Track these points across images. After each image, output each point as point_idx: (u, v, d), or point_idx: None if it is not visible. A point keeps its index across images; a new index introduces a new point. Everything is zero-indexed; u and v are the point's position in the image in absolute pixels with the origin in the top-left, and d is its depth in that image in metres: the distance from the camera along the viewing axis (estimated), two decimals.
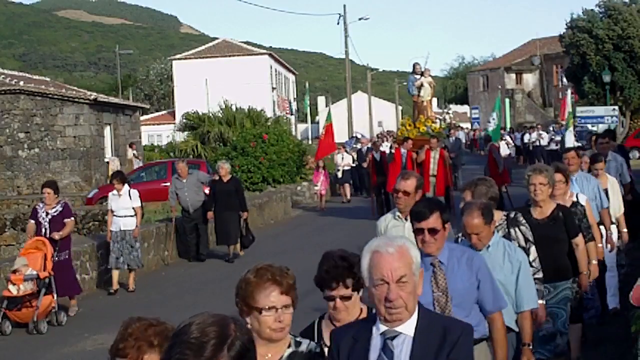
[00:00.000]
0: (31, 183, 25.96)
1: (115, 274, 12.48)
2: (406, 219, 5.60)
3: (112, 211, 12.49)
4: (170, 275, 14.24)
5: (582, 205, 6.85)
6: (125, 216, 12.43)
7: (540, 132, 33.27)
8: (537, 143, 32.49)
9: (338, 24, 40.75)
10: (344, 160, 25.12)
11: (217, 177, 15.14)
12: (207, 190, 15.53)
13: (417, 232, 4.34)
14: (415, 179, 5.85)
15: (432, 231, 4.30)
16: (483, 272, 4.46)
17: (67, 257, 10.88)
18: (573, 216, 6.43)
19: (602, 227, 7.92)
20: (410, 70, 20.64)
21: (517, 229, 5.57)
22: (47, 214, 10.71)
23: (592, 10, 39.86)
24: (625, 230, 8.81)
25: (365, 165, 23.99)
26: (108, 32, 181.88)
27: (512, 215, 5.67)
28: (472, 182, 5.68)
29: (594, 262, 6.70)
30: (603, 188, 8.39)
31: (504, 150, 24.46)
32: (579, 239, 6.35)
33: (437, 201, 4.96)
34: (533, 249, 5.55)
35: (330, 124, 22.01)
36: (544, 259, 5.78)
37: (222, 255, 15.21)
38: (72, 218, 11.04)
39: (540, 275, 5.53)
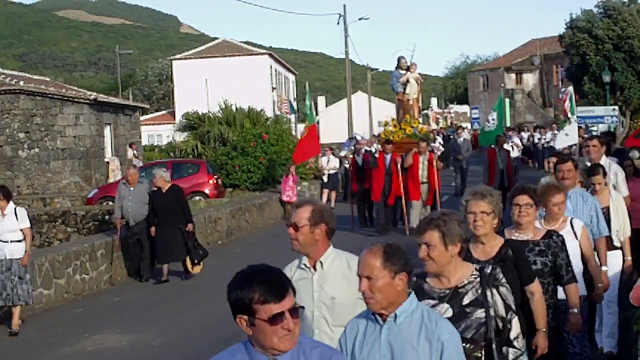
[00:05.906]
0: (31, 183, 25.97)
1: (16, 310, 9.97)
2: (315, 269, 4.17)
3: None
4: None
5: (558, 235, 5.32)
6: (11, 241, 9.87)
7: (555, 131, 31.88)
8: (552, 143, 30.99)
9: (338, 24, 40.74)
10: (330, 164, 23.45)
11: (155, 188, 13.24)
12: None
13: (277, 317, 2.76)
14: (310, 207, 4.15)
15: (296, 312, 2.82)
16: None
17: None
18: (526, 255, 4.90)
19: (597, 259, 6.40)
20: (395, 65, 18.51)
21: (494, 290, 3.88)
22: None
23: (590, 10, 39.92)
24: (630, 257, 7.28)
25: (347, 166, 22.74)
26: (108, 32, 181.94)
27: (488, 270, 3.94)
28: (436, 219, 3.86)
29: (575, 310, 5.35)
30: (604, 206, 7.02)
31: (512, 153, 22.54)
32: (534, 287, 4.73)
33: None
34: (516, 321, 3.92)
35: (314, 125, 20.59)
36: None
37: (180, 273, 13.52)
38: None
39: (524, 359, 3.96)
